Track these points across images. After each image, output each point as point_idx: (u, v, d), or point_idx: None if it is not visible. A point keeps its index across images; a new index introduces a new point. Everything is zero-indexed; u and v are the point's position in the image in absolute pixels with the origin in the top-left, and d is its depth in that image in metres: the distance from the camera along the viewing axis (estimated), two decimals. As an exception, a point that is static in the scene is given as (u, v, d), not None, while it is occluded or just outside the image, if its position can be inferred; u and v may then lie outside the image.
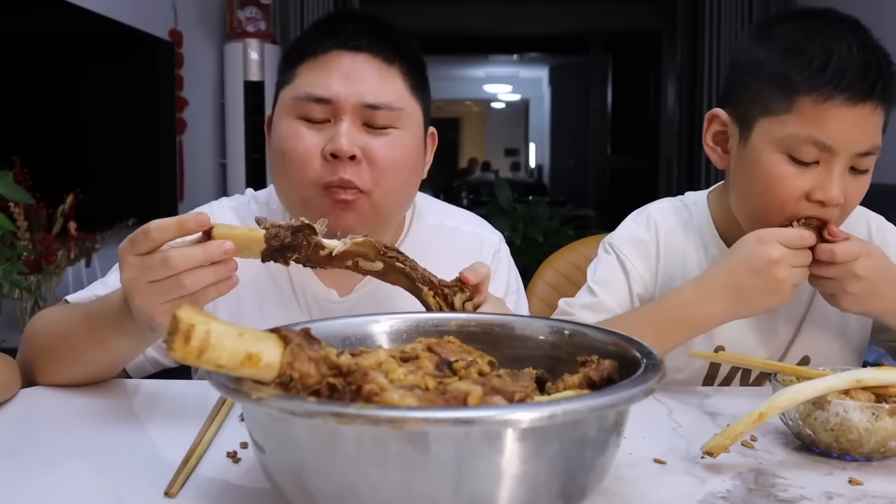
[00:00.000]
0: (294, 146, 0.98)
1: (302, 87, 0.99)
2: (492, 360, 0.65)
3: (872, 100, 0.93)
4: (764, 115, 0.98)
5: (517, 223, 4.56)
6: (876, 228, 1.13)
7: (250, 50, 4.11)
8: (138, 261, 0.77)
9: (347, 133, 0.97)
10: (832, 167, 0.95)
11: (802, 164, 0.95)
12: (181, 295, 0.77)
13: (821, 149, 0.94)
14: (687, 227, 1.14)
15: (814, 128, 0.93)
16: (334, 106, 0.98)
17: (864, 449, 0.72)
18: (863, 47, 0.94)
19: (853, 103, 0.92)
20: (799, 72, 0.94)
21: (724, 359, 0.97)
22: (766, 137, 0.97)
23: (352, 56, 0.99)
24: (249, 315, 1.06)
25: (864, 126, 0.94)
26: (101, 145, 3.14)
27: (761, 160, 0.98)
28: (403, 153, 1.01)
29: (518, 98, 11.84)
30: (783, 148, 0.96)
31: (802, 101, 0.94)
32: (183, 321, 0.50)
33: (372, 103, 0.98)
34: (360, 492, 0.51)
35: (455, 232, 1.16)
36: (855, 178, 0.97)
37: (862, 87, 0.92)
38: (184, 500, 0.64)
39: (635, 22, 6.06)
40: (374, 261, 0.87)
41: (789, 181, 0.96)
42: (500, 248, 1.19)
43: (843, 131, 0.93)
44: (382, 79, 0.99)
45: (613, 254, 1.15)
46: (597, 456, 0.56)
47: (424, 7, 5.80)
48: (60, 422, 0.85)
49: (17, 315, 2.32)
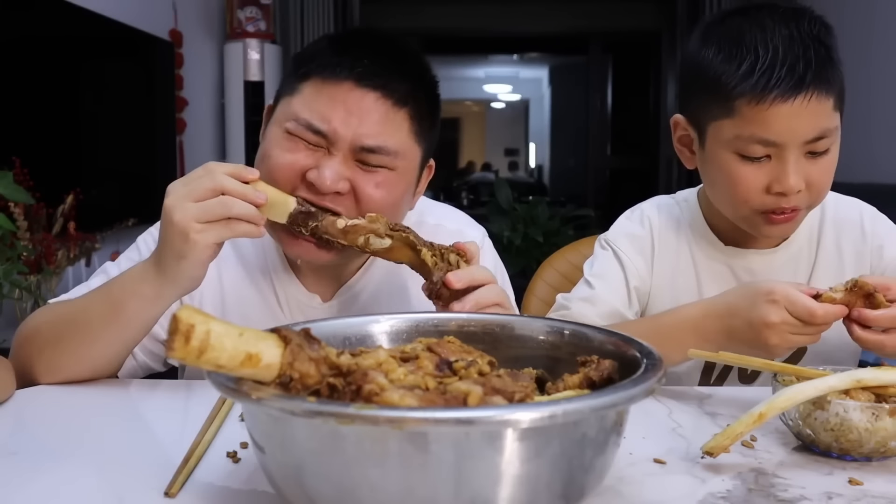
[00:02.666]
0: (278, 162, 0.96)
1: (302, 110, 0.96)
2: (492, 360, 0.65)
3: (806, 89, 0.95)
4: (711, 120, 1.02)
5: (517, 223, 4.56)
6: (869, 219, 1.14)
7: (250, 50, 4.11)
8: (186, 185, 0.85)
9: (335, 169, 0.94)
10: (784, 159, 0.98)
11: (755, 160, 0.99)
12: (220, 215, 0.84)
13: (766, 145, 0.97)
14: (679, 222, 1.17)
15: (755, 128, 0.97)
16: (329, 140, 0.95)
17: (864, 449, 0.72)
18: (790, 39, 0.96)
19: (786, 97, 0.95)
20: (730, 78, 0.97)
21: (725, 359, 0.96)
22: (717, 140, 1.02)
23: (362, 93, 0.95)
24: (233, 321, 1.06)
25: (806, 115, 0.96)
26: (100, 145, 3.14)
27: (718, 161, 1.02)
28: (391, 194, 0.98)
29: (518, 98, 11.83)
30: (733, 148, 1.00)
31: (739, 103, 0.97)
32: (183, 321, 0.50)
33: (368, 146, 0.95)
34: (360, 492, 0.51)
35: (437, 230, 1.13)
36: (815, 161, 0.99)
37: (791, 80, 0.95)
38: (184, 500, 0.64)
39: (635, 22, 6.06)
40: (384, 237, 0.92)
41: (746, 178, 1.00)
42: (484, 243, 1.19)
43: (784, 126, 0.96)
44: (387, 122, 0.96)
45: (609, 249, 1.17)
46: (597, 456, 0.56)
47: (424, 7, 5.80)
48: (60, 421, 0.85)
49: (17, 315, 2.32)
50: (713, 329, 0.96)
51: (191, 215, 0.83)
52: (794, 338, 0.90)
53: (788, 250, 1.12)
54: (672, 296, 1.13)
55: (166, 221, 0.85)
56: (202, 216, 0.84)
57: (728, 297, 0.97)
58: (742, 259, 1.12)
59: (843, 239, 1.12)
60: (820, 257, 1.12)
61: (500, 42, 8.54)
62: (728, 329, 0.95)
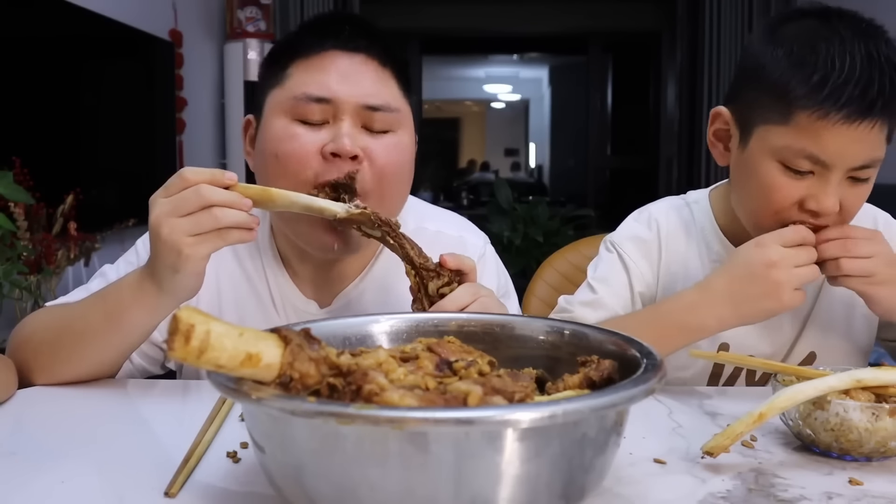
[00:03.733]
0: (290, 147, 0.96)
1: (298, 87, 0.97)
2: (492, 360, 0.65)
3: (871, 118, 0.91)
4: (762, 123, 0.97)
5: (517, 223, 4.55)
6: (883, 225, 1.13)
7: (250, 50, 4.11)
8: (169, 199, 0.82)
9: (350, 133, 0.95)
10: (827, 179, 0.94)
11: (797, 174, 0.95)
12: (211, 227, 0.81)
13: (815, 162, 0.93)
14: (689, 225, 1.14)
15: (809, 142, 0.92)
16: (334, 106, 0.96)
17: (864, 449, 0.72)
18: (868, 59, 0.91)
19: (851, 121, 0.90)
20: (798, 85, 0.92)
21: (726, 359, 0.96)
22: (763, 145, 0.97)
23: (349, 56, 0.98)
24: None
25: (862, 142, 0.92)
26: (100, 145, 3.14)
27: (757, 166, 0.97)
28: (402, 155, 1.01)
29: (518, 98, 11.83)
30: (779, 157, 0.95)
31: (799, 115, 0.92)
32: (183, 321, 0.50)
33: (372, 104, 0.97)
34: (360, 492, 0.51)
35: (438, 236, 1.13)
36: (854, 186, 0.96)
37: (861, 105, 0.90)
38: (184, 500, 0.64)
39: (635, 22, 6.06)
40: (373, 229, 0.92)
41: (783, 190, 0.96)
42: (486, 251, 1.17)
43: (839, 147, 0.92)
44: (379, 80, 0.99)
45: (615, 252, 1.15)
46: (597, 456, 0.56)
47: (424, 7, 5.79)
48: (60, 422, 0.85)
49: (17, 315, 2.32)
50: (718, 299, 0.96)
51: (181, 230, 0.81)
52: (800, 271, 0.92)
53: None
54: None
55: (155, 237, 0.83)
56: (193, 230, 0.81)
57: (721, 269, 0.98)
58: None
59: None
60: None
61: (500, 42, 8.53)
62: (734, 297, 0.95)
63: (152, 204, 0.84)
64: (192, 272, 0.84)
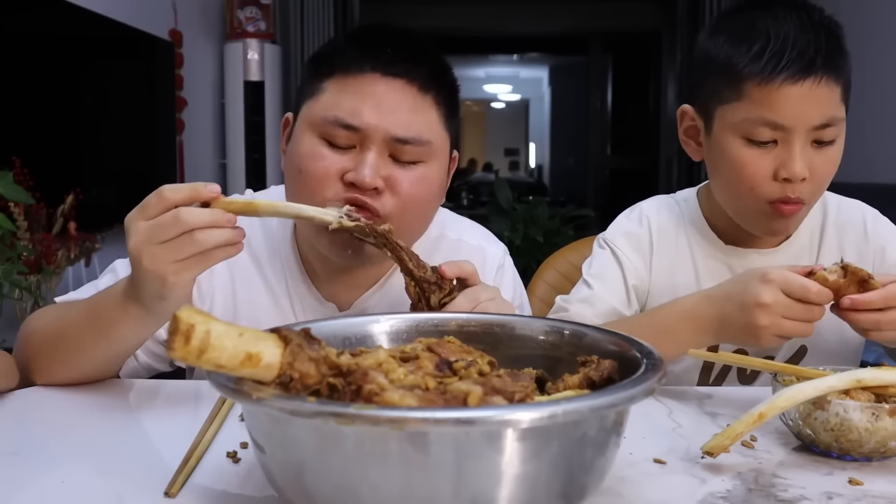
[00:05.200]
0: (313, 166, 0.94)
1: (330, 108, 0.94)
2: (492, 360, 0.65)
3: (815, 73, 0.95)
4: (719, 105, 1.02)
5: (517, 223, 4.56)
6: (871, 221, 1.14)
7: (250, 50, 4.11)
8: (148, 224, 0.78)
9: (373, 164, 0.93)
10: (791, 144, 0.98)
11: (762, 145, 0.99)
12: (193, 252, 0.77)
13: (774, 128, 0.97)
14: (678, 221, 1.16)
15: (763, 109, 0.97)
16: (362, 135, 0.94)
17: (864, 449, 0.72)
18: (801, 24, 0.97)
19: (796, 80, 0.95)
20: (741, 58, 0.98)
21: (725, 359, 0.96)
22: (724, 125, 1.02)
23: (388, 82, 0.94)
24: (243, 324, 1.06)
25: (814, 100, 0.96)
26: (100, 145, 3.14)
27: (724, 147, 1.02)
28: (428, 188, 0.98)
29: (518, 98, 11.83)
30: (740, 132, 1.00)
31: (748, 85, 0.97)
32: (183, 321, 0.50)
33: (402, 137, 0.94)
34: (361, 492, 0.51)
35: (458, 245, 1.13)
36: (820, 150, 0.99)
37: (801, 62, 0.95)
38: (184, 500, 0.64)
39: (635, 22, 6.07)
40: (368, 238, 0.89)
41: (752, 163, 1.00)
42: (504, 262, 1.17)
43: (792, 108, 0.96)
44: (416, 109, 0.95)
45: (608, 248, 1.17)
46: (597, 456, 0.56)
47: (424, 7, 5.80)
48: (60, 422, 0.85)
49: (17, 315, 2.32)
50: (707, 316, 0.95)
51: (163, 259, 0.77)
52: (787, 323, 0.88)
53: (789, 250, 1.12)
54: (671, 295, 1.13)
55: (136, 265, 0.79)
56: (175, 257, 0.77)
57: (725, 284, 0.98)
58: (742, 259, 1.12)
59: (845, 240, 1.12)
60: (822, 259, 1.12)
61: (500, 42, 8.54)
62: (721, 316, 0.94)
63: (129, 228, 0.79)
64: (179, 298, 0.81)
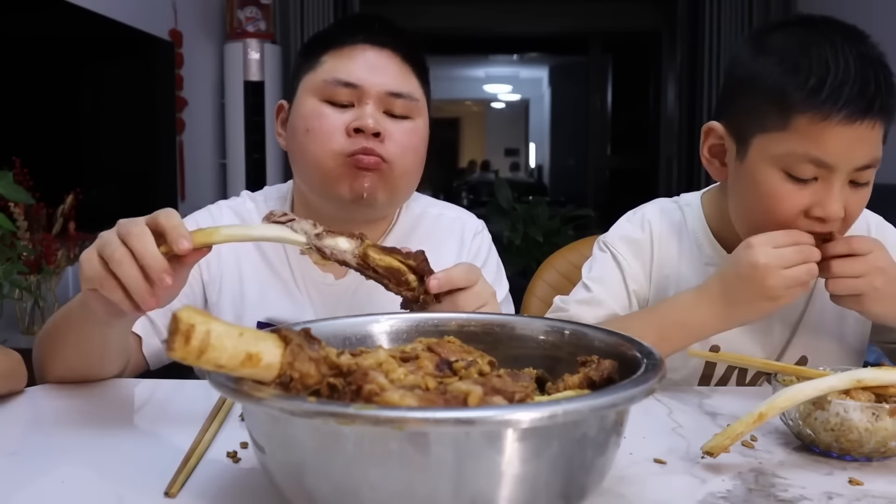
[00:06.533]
0: (318, 122, 1.06)
1: (329, 73, 1.08)
2: (492, 360, 0.65)
3: (871, 116, 0.90)
4: (760, 132, 0.96)
5: (517, 223, 4.56)
6: (875, 228, 1.13)
7: (250, 50, 4.11)
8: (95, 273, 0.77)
9: (373, 113, 1.06)
10: (831, 183, 0.93)
11: (801, 181, 0.94)
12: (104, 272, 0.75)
13: (818, 166, 0.92)
14: (681, 228, 1.14)
15: (811, 146, 0.91)
16: (360, 91, 1.07)
17: (864, 449, 0.72)
18: (860, 60, 0.91)
19: (851, 121, 0.89)
20: (795, 89, 0.91)
21: (725, 358, 0.97)
22: (763, 154, 0.96)
23: (377, 50, 1.09)
24: (251, 303, 1.13)
25: (863, 142, 0.91)
26: (101, 145, 3.14)
27: (759, 177, 0.96)
28: (419, 139, 1.12)
29: (518, 98, 11.83)
30: (781, 165, 0.94)
31: (799, 119, 0.91)
32: (183, 321, 0.50)
33: (395, 91, 1.08)
34: (361, 492, 0.51)
35: (439, 217, 1.24)
36: (855, 190, 0.95)
37: (860, 104, 0.89)
38: (184, 500, 0.64)
39: (635, 22, 6.06)
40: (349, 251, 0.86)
41: (788, 198, 0.94)
42: (482, 231, 1.27)
43: (841, 149, 0.91)
44: (401, 73, 1.10)
45: (608, 251, 1.16)
46: (597, 456, 0.56)
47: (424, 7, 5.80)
48: (61, 422, 0.85)
49: (17, 315, 2.32)
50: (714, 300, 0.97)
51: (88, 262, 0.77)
52: (789, 272, 0.91)
53: None
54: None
55: None
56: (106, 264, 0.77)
57: (717, 271, 0.99)
58: None
59: None
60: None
61: (500, 42, 8.54)
62: (728, 298, 0.95)
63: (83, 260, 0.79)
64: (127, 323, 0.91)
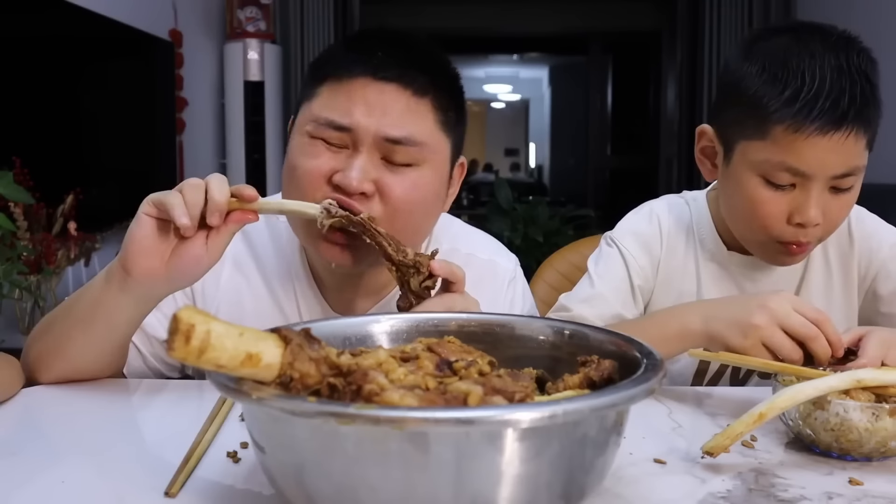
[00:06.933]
0: (304, 164, 0.94)
1: (322, 110, 0.94)
2: (492, 360, 0.65)
3: (845, 127, 0.92)
4: (742, 139, 1.00)
5: (517, 223, 4.55)
6: (855, 220, 1.14)
7: (250, 50, 4.11)
8: None
9: (361, 167, 0.91)
10: (809, 190, 0.96)
11: (779, 188, 0.97)
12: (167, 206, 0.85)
13: (794, 174, 0.96)
14: (687, 223, 1.16)
15: (787, 155, 0.95)
16: (353, 135, 0.92)
17: (864, 449, 0.72)
18: (838, 71, 0.93)
19: (825, 132, 0.92)
20: (771, 101, 0.94)
21: (725, 358, 0.96)
22: (744, 160, 1.00)
23: (379, 87, 0.93)
24: None
25: (839, 151, 0.94)
26: (101, 145, 3.14)
27: (741, 181, 1.00)
28: (421, 194, 0.95)
29: (518, 98, 11.83)
30: (759, 171, 0.98)
31: (775, 129, 0.95)
32: (183, 321, 0.50)
33: (393, 137, 0.92)
34: (361, 492, 0.51)
35: (469, 259, 1.10)
36: (837, 196, 0.98)
37: (833, 116, 0.92)
38: (184, 500, 0.64)
39: (635, 22, 6.07)
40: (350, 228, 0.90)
41: (768, 204, 0.98)
42: (516, 275, 1.17)
43: (816, 158, 0.94)
44: (409, 111, 0.93)
45: (615, 246, 1.16)
46: (597, 456, 0.56)
47: (424, 7, 5.80)
48: (60, 421, 0.85)
49: (17, 315, 2.32)
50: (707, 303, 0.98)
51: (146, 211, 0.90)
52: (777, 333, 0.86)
53: None
54: (674, 296, 1.13)
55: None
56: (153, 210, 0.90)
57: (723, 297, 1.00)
58: (743, 265, 1.12)
59: (828, 244, 1.12)
60: (811, 263, 1.13)
61: (500, 42, 8.54)
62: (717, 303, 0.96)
63: None
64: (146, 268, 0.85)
